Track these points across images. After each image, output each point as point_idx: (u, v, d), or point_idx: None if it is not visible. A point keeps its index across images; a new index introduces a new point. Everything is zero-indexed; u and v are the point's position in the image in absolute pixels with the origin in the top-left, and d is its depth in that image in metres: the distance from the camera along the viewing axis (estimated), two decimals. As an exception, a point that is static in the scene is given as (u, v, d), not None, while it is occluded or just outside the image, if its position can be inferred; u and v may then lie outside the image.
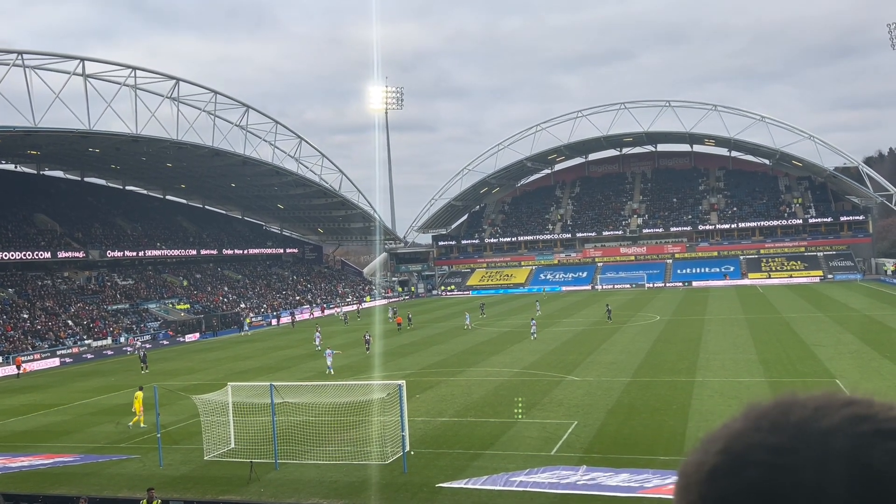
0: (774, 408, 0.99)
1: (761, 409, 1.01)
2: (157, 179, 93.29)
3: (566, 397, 30.38)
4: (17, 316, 61.49)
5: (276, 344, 58.22)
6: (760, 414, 0.99)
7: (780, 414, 0.97)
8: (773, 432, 0.95)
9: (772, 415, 0.98)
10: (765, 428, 0.96)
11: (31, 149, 71.97)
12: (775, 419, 0.97)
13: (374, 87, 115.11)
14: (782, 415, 0.97)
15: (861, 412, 0.96)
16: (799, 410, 0.97)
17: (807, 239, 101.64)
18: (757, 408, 1.01)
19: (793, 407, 0.98)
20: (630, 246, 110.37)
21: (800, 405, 0.98)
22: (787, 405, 0.99)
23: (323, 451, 23.73)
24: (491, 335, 54.20)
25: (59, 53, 62.63)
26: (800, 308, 61.32)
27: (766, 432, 0.95)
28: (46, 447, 27.12)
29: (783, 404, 0.99)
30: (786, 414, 0.97)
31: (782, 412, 0.98)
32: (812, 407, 0.97)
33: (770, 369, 34.12)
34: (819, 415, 0.96)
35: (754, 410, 1.01)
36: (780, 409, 0.98)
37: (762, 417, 0.98)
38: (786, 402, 1.00)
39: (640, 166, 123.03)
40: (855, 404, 0.97)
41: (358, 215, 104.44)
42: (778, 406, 0.99)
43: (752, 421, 0.98)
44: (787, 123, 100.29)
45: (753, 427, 0.97)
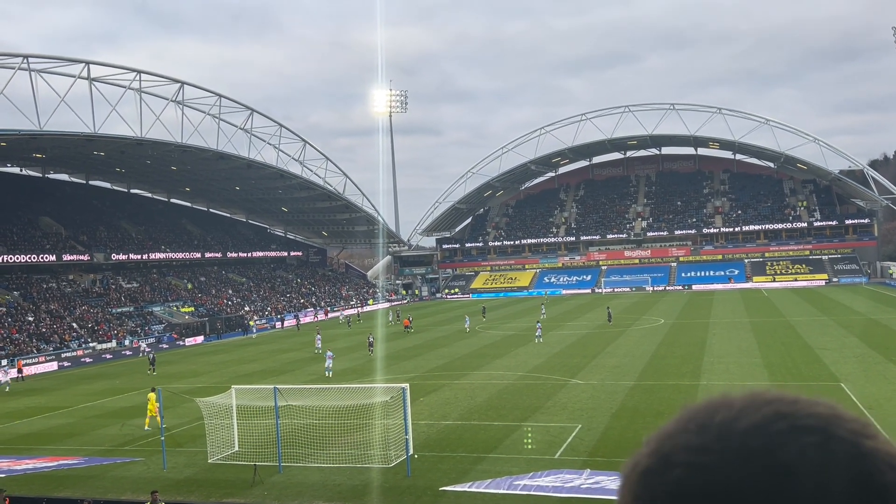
0: (703, 409, 1.02)
1: (692, 410, 1.03)
2: (161, 182, 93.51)
3: (570, 401, 30.33)
4: (22, 319, 61.65)
5: (280, 347, 58.26)
6: (690, 415, 1.02)
7: (707, 415, 1.00)
8: (697, 433, 0.98)
9: (700, 416, 1.01)
10: (691, 429, 0.99)
11: (36, 152, 72.21)
12: (702, 420, 1.00)
13: (379, 91, 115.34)
14: (709, 415, 1.00)
15: (781, 409, 0.98)
16: (724, 411, 1.00)
17: (812, 242, 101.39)
18: (689, 409, 1.04)
19: (720, 408, 1.01)
20: (634, 249, 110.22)
21: (726, 406, 1.01)
22: (715, 406, 1.02)
23: (326, 454, 23.72)
24: (495, 338, 54.15)
25: (64, 57, 62.86)
26: (805, 312, 61.15)
27: (691, 433, 0.98)
28: (51, 450, 27.15)
29: (712, 405, 1.02)
30: (712, 415, 1.00)
31: (709, 413, 1.00)
32: (737, 407, 1.00)
33: (775, 373, 34.02)
34: (741, 414, 0.98)
35: (686, 412, 1.04)
36: (708, 410, 1.01)
37: (691, 419, 1.01)
38: (714, 403, 1.02)
39: (645, 169, 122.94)
40: (777, 402, 1.00)
41: (362, 218, 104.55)
42: (707, 407, 1.02)
43: (682, 422, 1.01)
44: (791, 126, 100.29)
45: (682, 428, 1.00)
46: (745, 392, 1.04)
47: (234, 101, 79.59)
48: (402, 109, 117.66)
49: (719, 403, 1.02)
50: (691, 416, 1.02)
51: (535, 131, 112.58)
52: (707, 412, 1.01)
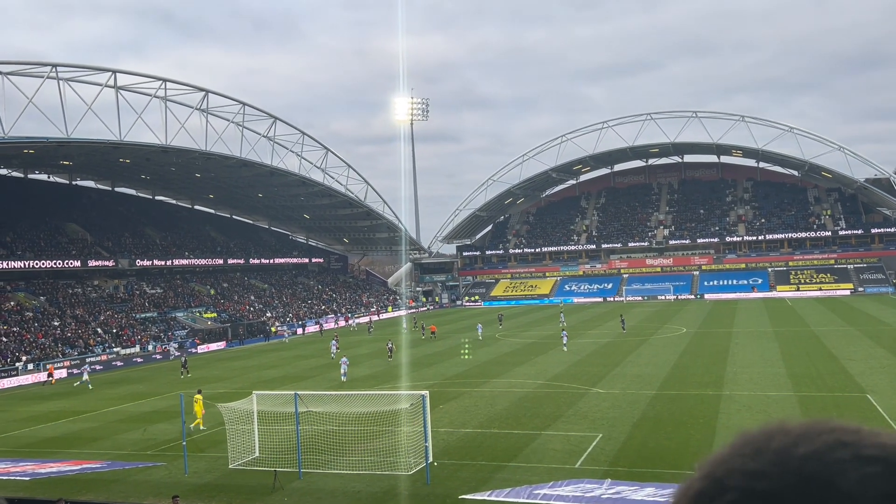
0: (760, 434, 1.01)
1: (748, 434, 1.02)
2: (185, 189, 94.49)
3: (591, 410, 30.15)
4: (48, 323, 62.50)
5: (300, 353, 58.52)
6: (746, 440, 1.01)
7: (765, 440, 0.99)
8: (753, 457, 0.97)
9: (756, 440, 1.00)
10: (747, 453, 0.98)
11: (63, 159, 73.30)
12: (758, 445, 0.99)
13: (400, 99, 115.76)
14: (766, 441, 0.99)
15: (843, 438, 0.96)
16: (782, 437, 0.99)
17: (837, 251, 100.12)
18: (745, 434, 1.03)
19: (777, 434, 1.00)
20: (656, 257, 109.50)
21: (784, 432, 1.00)
22: (772, 432, 1.01)
23: (346, 460, 23.77)
24: (515, 346, 54.01)
25: (91, 66, 63.81)
26: (830, 321, 60.35)
27: (747, 457, 0.97)
28: (74, 453, 27.48)
29: (769, 431, 1.01)
30: (769, 440, 0.99)
31: (766, 438, 0.99)
32: (796, 434, 0.99)
33: (799, 384, 33.60)
34: (800, 441, 0.97)
35: (742, 437, 1.03)
36: (765, 436, 1.00)
37: (747, 444, 1.00)
38: (772, 429, 1.01)
39: (667, 177, 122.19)
40: (839, 431, 0.98)
41: (383, 225, 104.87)
42: (764, 432, 1.01)
43: (738, 446, 1.00)
44: (815, 134, 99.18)
45: (737, 452, 0.99)
46: (805, 420, 1.03)
47: (257, 109, 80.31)
48: (423, 117, 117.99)
49: (777, 429, 1.01)
50: (747, 440, 1.01)
51: (556, 139, 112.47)
52: (764, 437, 1.00)
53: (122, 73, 65.14)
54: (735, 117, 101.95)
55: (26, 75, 59.10)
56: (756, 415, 27.60)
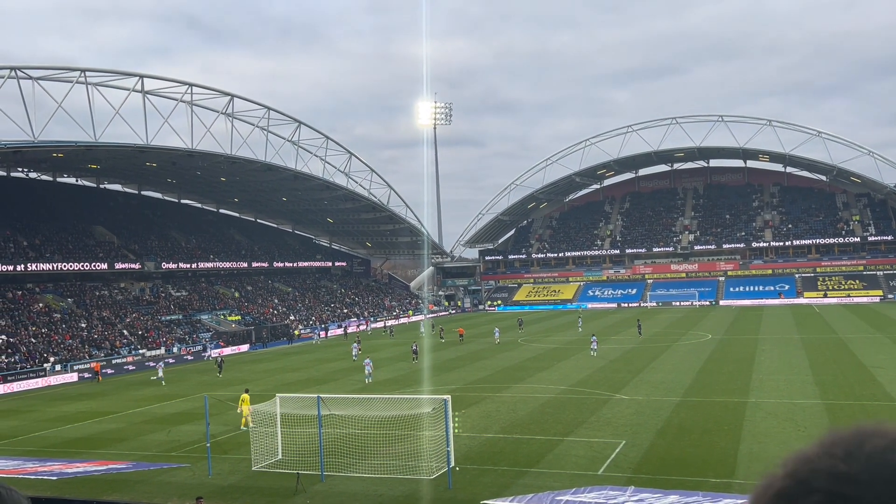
0: (852, 435, 0.95)
1: (838, 435, 0.97)
2: (211, 193, 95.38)
3: (614, 416, 29.91)
4: (75, 325, 63.34)
5: (323, 356, 58.74)
6: (836, 441, 0.95)
7: (856, 442, 0.93)
8: (843, 460, 0.91)
9: (846, 442, 0.94)
10: (836, 454, 0.93)
11: (91, 163, 74.35)
12: (850, 447, 0.93)
13: (423, 103, 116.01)
14: (858, 443, 0.93)
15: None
16: (876, 440, 0.93)
17: (866, 257, 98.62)
18: (835, 434, 0.97)
19: (871, 436, 0.94)
20: (681, 263, 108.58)
21: (879, 434, 0.94)
22: (865, 433, 0.95)
23: (368, 464, 23.79)
24: (537, 351, 53.78)
25: (119, 71, 64.72)
26: (858, 329, 59.41)
27: (837, 459, 0.92)
28: (100, 454, 27.79)
29: (862, 432, 0.95)
30: (862, 442, 0.93)
31: (859, 440, 0.94)
32: (892, 437, 0.93)
33: (826, 391, 33.08)
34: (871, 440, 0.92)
35: (831, 436, 0.97)
36: (858, 437, 0.94)
37: (837, 444, 0.94)
38: (865, 431, 0.96)
39: (692, 182, 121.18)
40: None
41: (405, 229, 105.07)
42: (856, 433, 0.95)
43: (826, 447, 0.95)
44: (844, 139, 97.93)
45: (825, 453, 0.94)
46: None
47: (282, 114, 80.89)
48: (446, 122, 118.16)
49: (871, 431, 0.95)
50: (837, 441, 0.95)
51: (580, 143, 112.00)
52: (856, 439, 0.94)
53: (150, 77, 65.97)
54: (762, 121, 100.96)
55: (56, 80, 60.07)
56: (782, 423, 27.21)
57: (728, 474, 21.09)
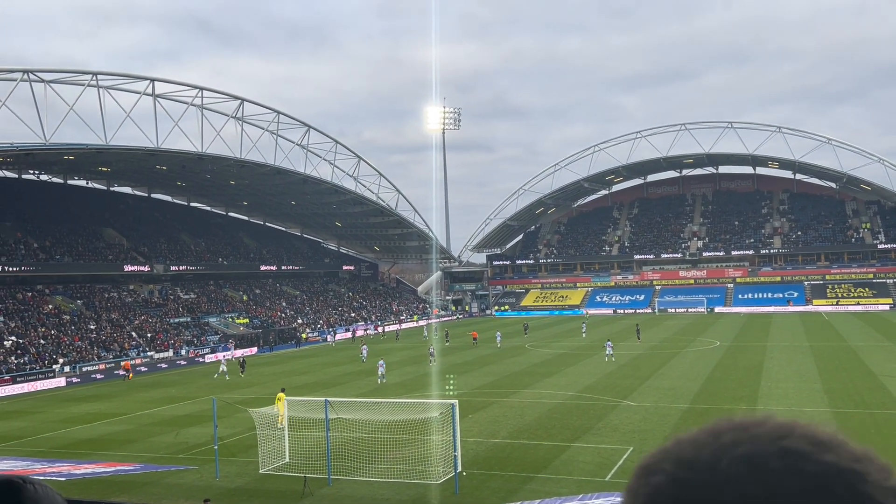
0: (722, 426, 1.01)
1: (716, 423, 1.02)
2: (220, 196, 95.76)
3: (622, 422, 29.85)
4: (84, 326, 63.65)
5: (331, 360, 58.82)
6: (709, 428, 1.01)
7: (717, 432, 0.99)
8: (694, 446, 0.98)
9: (706, 432, 1.00)
10: (696, 441, 0.99)
11: (102, 165, 74.79)
12: (705, 437, 0.99)
13: (432, 108, 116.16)
14: (714, 434, 0.99)
15: (793, 447, 0.95)
16: (731, 434, 0.98)
17: (875, 265, 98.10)
18: (716, 422, 1.02)
19: (729, 430, 0.99)
20: (689, 269, 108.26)
21: (737, 429, 0.99)
22: (734, 426, 1.00)
23: (375, 468, 23.81)
24: (545, 357, 53.71)
25: (130, 74, 65.05)
26: (868, 337, 59.10)
27: (688, 445, 0.99)
28: (109, 455, 27.91)
29: (733, 425, 1.01)
30: (718, 435, 0.99)
31: (716, 432, 0.99)
32: (751, 433, 0.98)
33: (835, 399, 32.93)
34: (748, 440, 0.96)
35: (710, 424, 1.02)
36: (725, 429, 1.00)
37: (699, 433, 1.01)
38: (737, 424, 1.01)
39: (701, 188, 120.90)
40: (796, 438, 0.96)
41: (413, 234, 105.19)
42: (727, 425, 1.01)
43: (695, 433, 1.01)
44: (854, 146, 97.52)
45: (690, 438, 1.01)
46: (784, 419, 1.01)
47: (291, 118, 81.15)
48: (455, 126, 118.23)
49: (743, 423, 1.00)
50: (710, 428, 1.01)
51: (589, 148, 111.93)
52: (725, 428, 0.99)
53: (160, 81, 66.31)
54: (771, 128, 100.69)
55: (67, 83, 60.43)
56: (791, 431, 27.07)
57: (736, 482, 20.99)
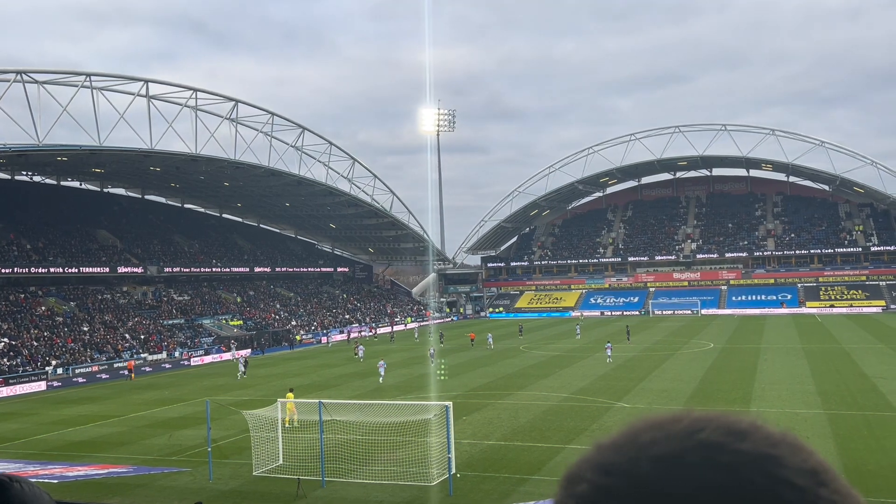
0: (640, 425, 0.97)
1: (635, 423, 0.98)
2: (214, 198, 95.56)
3: (615, 424, 29.84)
4: (77, 328, 63.40)
5: (325, 361, 58.72)
6: (627, 429, 0.97)
7: (635, 433, 0.95)
8: (613, 450, 0.94)
9: (632, 432, 0.96)
10: (615, 445, 0.95)
11: (95, 167, 74.53)
12: (627, 438, 0.95)
13: (427, 110, 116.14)
14: (636, 434, 0.95)
15: (710, 439, 0.91)
16: (653, 432, 0.94)
17: (868, 267, 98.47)
18: (637, 421, 0.99)
19: (654, 428, 0.95)
20: (683, 271, 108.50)
21: (659, 427, 0.95)
22: (650, 425, 0.96)
23: (369, 470, 23.77)
24: (539, 359, 53.73)
25: (124, 75, 64.93)
26: (861, 339, 59.31)
27: (608, 450, 0.95)
28: (101, 457, 27.79)
29: (650, 423, 0.97)
30: (636, 435, 0.95)
31: (639, 431, 0.95)
32: (667, 431, 0.94)
33: (829, 401, 33.03)
34: (664, 440, 0.92)
35: (631, 424, 0.98)
36: (642, 428, 0.96)
37: (624, 433, 0.97)
38: (654, 422, 0.97)
39: (695, 190, 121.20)
40: (713, 430, 0.93)
41: (408, 236, 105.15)
42: (644, 424, 0.97)
43: (616, 435, 0.97)
44: (848, 149, 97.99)
45: (610, 442, 0.96)
46: (701, 412, 0.97)
47: (285, 119, 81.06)
48: (449, 128, 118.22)
49: (661, 420, 0.96)
50: (629, 429, 0.97)
51: (583, 151, 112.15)
52: (643, 428, 0.95)
53: (154, 82, 66.17)
54: (765, 131, 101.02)
55: (61, 84, 60.27)
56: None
57: (729, 483, 21.02)
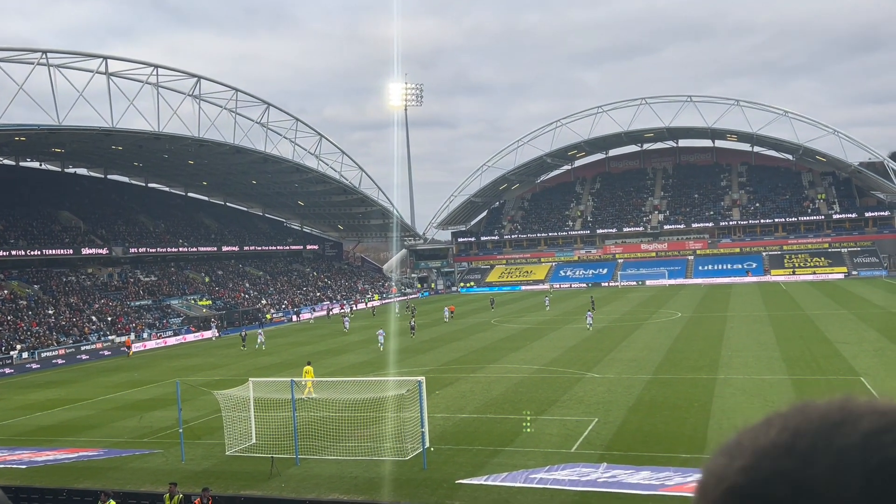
0: (819, 421, 0.83)
1: (802, 420, 0.84)
2: (179, 177, 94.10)
3: (586, 394, 30.25)
4: (42, 312, 62.32)
5: (296, 340, 58.52)
6: (799, 430, 0.82)
7: (823, 436, 0.81)
8: (806, 461, 0.79)
9: (812, 434, 0.81)
10: (799, 452, 0.80)
11: (55, 147, 72.85)
12: (814, 442, 0.80)
13: (394, 84, 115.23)
14: (825, 438, 0.80)
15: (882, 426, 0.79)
16: (845, 434, 0.80)
17: (831, 235, 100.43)
18: (796, 416, 0.85)
19: (840, 428, 0.81)
20: (651, 242, 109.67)
21: (849, 425, 0.81)
22: (834, 422, 0.82)
23: (343, 446, 23.81)
24: (510, 332, 54.10)
25: (82, 52, 63.32)
26: (824, 305, 60.61)
27: (800, 460, 0.79)
28: (71, 441, 27.47)
29: (831, 419, 0.82)
30: (829, 438, 0.80)
31: (826, 434, 0.81)
32: (863, 432, 0.80)
33: (793, 367, 33.76)
34: (864, 440, 0.79)
35: (792, 419, 0.84)
36: (826, 426, 0.82)
37: (800, 435, 0.81)
38: (834, 418, 0.82)
39: (662, 162, 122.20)
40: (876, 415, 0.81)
41: (377, 212, 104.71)
42: (824, 420, 0.83)
43: (787, 437, 0.82)
44: (810, 118, 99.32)
45: (786, 447, 0.81)
46: (871, 404, 0.84)
47: (250, 96, 79.87)
48: (417, 103, 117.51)
49: (840, 419, 0.82)
50: (800, 430, 0.82)
51: (551, 124, 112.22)
52: (825, 429, 0.81)
53: (114, 59, 64.67)
54: (730, 101, 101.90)
55: (16, 62, 58.65)
56: (751, 398, 27.72)
57: (698, 450, 21.46)
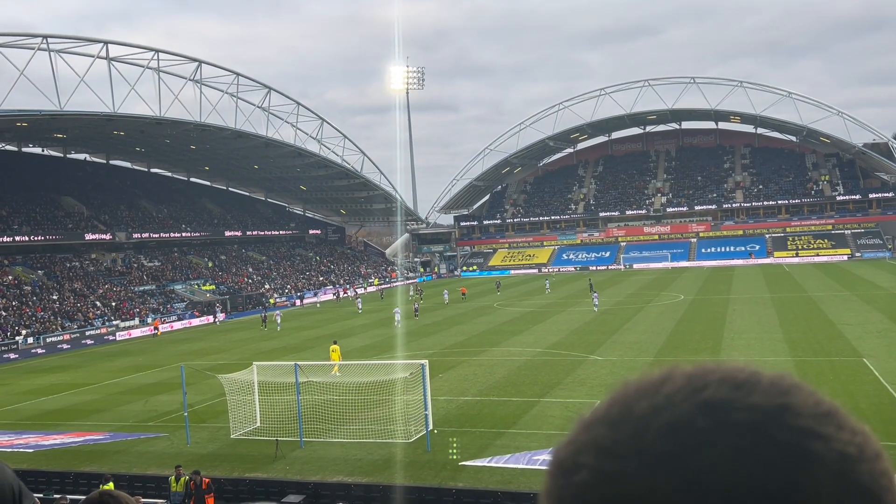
0: (633, 391, 0.81)
1: (623, 391, 0.83)
2: (181, 162, 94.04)
3: (589, 377, 30.36)
4: (47, 297, 62.55)
5: (301, 324, 58.70)
6: (618, 398, 0.82)
7: (631, 401, 0.80)
8: (611, 427, 0.78)
9: (625, 401, 0.80)
10: (610, 419, 0.79)
11: (57, 132, 72.79)
12: (622, 409, 0.80)
13: (395, 68, 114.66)
14: (632, 402, 0.79)
15: (716, 396, 0.77)
16: (651, 397, 0.79)
17: (834, 217, 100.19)
18: (624, 388, 0.83)
19: (648, 391, 0.80)
20: (654, 225, 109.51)
21: (655, 388, 0.80)
22: (644, 388, 0.81)
23: (347, 429, 23.96)
24: (514, 315, 54.21)
25: (83, 37, 63.29)
26: (827, 287, 60.57)
27: (605, 426, 0.79)
28: (77, 425, 27.68)
29: (643, 386, 0.81)
30: (636, 400, 0.79)
31: (635, 398, 0.80)
32: (665, 392, 0.79)
33: (796, 348, 33.82)
34: (667, 403, 0.77)
35: (618, 392, 0.83)
36: (636, 393, 0.80)
37: (615, 403, 0.81)
38: (646, 384, 0.82)
39: (665, 144, 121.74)
40: (717, 385, 0.78)
41: (380, 196, 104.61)
42: (637, 388, 0.81)
43: (605, 408, 0.81)
44: (814, 99, 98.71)
45: (602, 416, 0.81)
46: (691, 368, 0.82)
47: (251, 80, 79.66)
48: (419, 86, 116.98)
49: (651, 384, 0.81)
50: (618, 399, 0.81)
51: (554, 107, 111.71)
52: (634, 396, 0.80)
53: (114, 44, 64.50)
54: (733, 83, 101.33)
55: (17, 47, 58.48)
56: (753, 380, 27.78)
57: (700, 431, 21.51)
